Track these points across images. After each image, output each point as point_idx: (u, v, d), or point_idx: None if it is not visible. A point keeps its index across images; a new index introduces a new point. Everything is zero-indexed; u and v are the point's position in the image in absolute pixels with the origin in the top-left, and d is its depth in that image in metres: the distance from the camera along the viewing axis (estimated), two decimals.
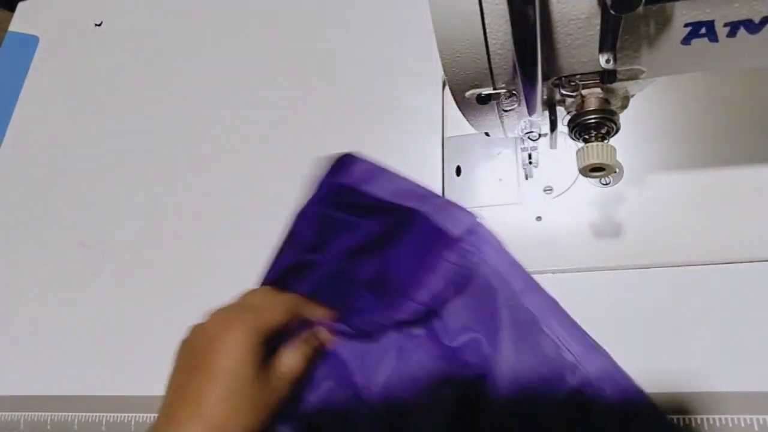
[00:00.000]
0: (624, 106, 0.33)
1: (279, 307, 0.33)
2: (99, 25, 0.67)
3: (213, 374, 0.30)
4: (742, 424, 0.34)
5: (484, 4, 0.27)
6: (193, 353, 0.31)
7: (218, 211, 0.51)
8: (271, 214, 0.48)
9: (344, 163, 0.41)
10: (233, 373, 0.30)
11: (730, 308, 0.37)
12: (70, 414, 0.46)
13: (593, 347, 0.36)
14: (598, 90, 0.31)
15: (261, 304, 0.34)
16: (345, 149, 0.51)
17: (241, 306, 0.34)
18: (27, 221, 0.57)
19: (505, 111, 0.34)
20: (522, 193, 0.44)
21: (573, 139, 0.33)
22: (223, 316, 0.32)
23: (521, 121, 0.36)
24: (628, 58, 0.28)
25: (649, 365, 0.36)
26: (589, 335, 0.36)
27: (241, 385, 0.30)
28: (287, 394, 0.33)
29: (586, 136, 0.32)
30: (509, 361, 0.35)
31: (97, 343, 0.49)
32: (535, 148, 0.43)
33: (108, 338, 0.49)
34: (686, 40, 0.26)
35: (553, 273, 0.41)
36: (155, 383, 0.32)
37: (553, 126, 0.34)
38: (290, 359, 0.33)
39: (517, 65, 0.28)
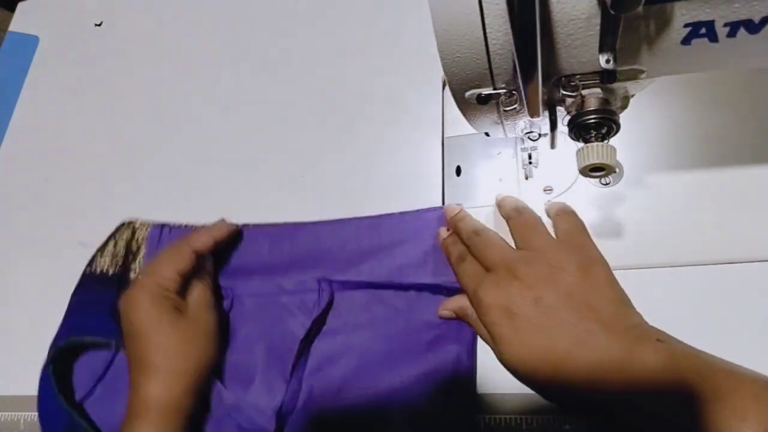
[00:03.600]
0: (624, 106, 0.33)
1: (166, 261, 0.41)
2: (99, 25, 0.67)
3: (141, 336, 0.38)
4: None
5: (484, 4, 0.27)
6: (126, 316, 0.40)
7: (218, 211, 0.51)
8: (271, 215, 0.48)
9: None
10: (152, 326, 0.38)
11: (730, 308, 0.37)
12: None
13: None
14: (598, 90, 0.31)
15: (153, 267, 0.41)
16: (345, 149, 0.51)
17: (142, 275, 0.42)
18: (27, 221, 0.57)
19: (505, 111, 0.34)
20: (522, 193, 0.44)
21: (573, 139, 0.33)
22: (129, 290, 0.41)
23: (521, 121, 0.36)
24: (628, 58, 0.28)
25: None
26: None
27: (164, 330, 0.38)
28: (210, 318, 0.41)
29: (586, 136, 0.32)
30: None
31: None
32: (535, 148, 0.43)
33: None
34: (686, 40, 0.26)
35: None
36: None
37: (553, 126, 0.34)
38: (193, 291, 0.42)
39: (517, 65, 0.28)
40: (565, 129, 0.33)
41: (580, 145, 0.33)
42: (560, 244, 0.37)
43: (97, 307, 0.45)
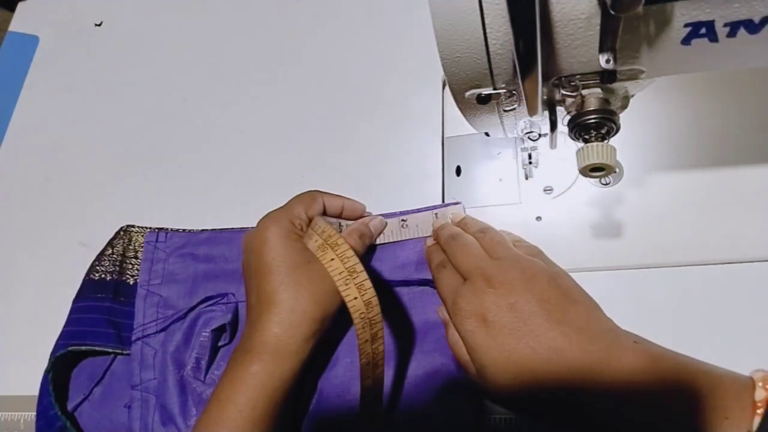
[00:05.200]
0: (624, 106, 0.33)
1: (298, 203, 0.40)
2: (99, 25, 0.67)
3: (272, 271, 0.36)
4: None
5: (484, 4, 0.27)
6: (253, 252, 0.38)
7: (218, 211, 0.51)
8: None
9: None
10: (285, 262, 0.37)
11: (730, 308, 0.37)
12: None
13: None
14: (598, 90, 0.31)
15: (284, 207, 0.41)
16: (345, 149, 0.51)
17: (275, 210, 0.40)
18: (27, 221, 0.57)
19: (505, 111, 0.34)
20: (522, 193, 0.44)
21: (573, 139, 0.33)
22: (263, 222, 0.39)
23: (521, 121, 0.36)
24: (628, 58, 0.28)
25: None
26: None
27: (297, 268, 0.36)
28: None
29: (586, 136, 0.32)
30: None
31: None
32: (535, 148, 0.43)
33: None
34: (686, 40, 0.26)
35: None
36: None
37: (553, 126, 0.34)
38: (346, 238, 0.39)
39: (517, 65, 0.28)
40: (565, 129, 0.33)
41: (580, 145, 0.33)
42: (529, 256, 0.37)
43: (95, 315, 0.45)
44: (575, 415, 0.31)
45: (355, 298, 0.35)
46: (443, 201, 0.46)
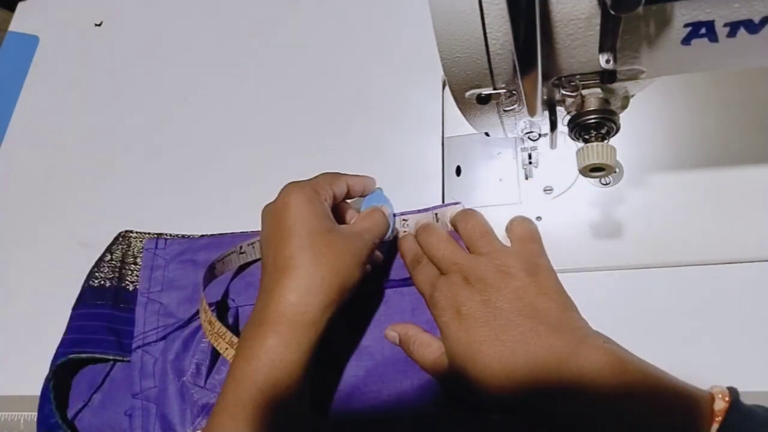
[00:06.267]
0: (624, 106, 0.33)
1: (323, 178, 0.39)
2: (99, 25, 0.67)
3: (292, 235, 0.35)
4: None
5: (484, 4, 0.27)
6: (273, 218, 0.37)
7: (218, 211, 0.51)
8: None
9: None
10: (307, 226, 0.35)
11: (730, 308, 0.37)
12: None
13: None
14: (598, 90, 0.31)
15: (314, 178, 0.40)
16: (345, 149, 0.51)
17: (299, 181, 0.39)
18: (27, 221, 0.57)
19: (505, 111, 0.34)
20: (522, 193, 0.44)
21: (573, 139, 0.33)
22: (286, 189, 0.38)
23: (521, 121, 0.36)
24: (628, 58, 0.28)
25: None
26: None
27: (318, 233, 0.35)
28: (366, 247, 0.37)
29: (586, 136, 0.32)
30: None
31: None
32: (535, 148, 0.43)
33: None
34: (686, 40, 0.26)
35: None
36: None
37: (553, 126, 0.34)
38: (361, 221, 0.39)
39: (517, 65, 0.28)
40: (565, 129, 0.33)
41: (580, 145, 0.33)
42: (509, 249, 0.38)
43: (96, 322, 0.45)
44: (539, 413, 0.32)
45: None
46: (443, 201, 0.46)
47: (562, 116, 0.33)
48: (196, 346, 0.42)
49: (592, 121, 0.31)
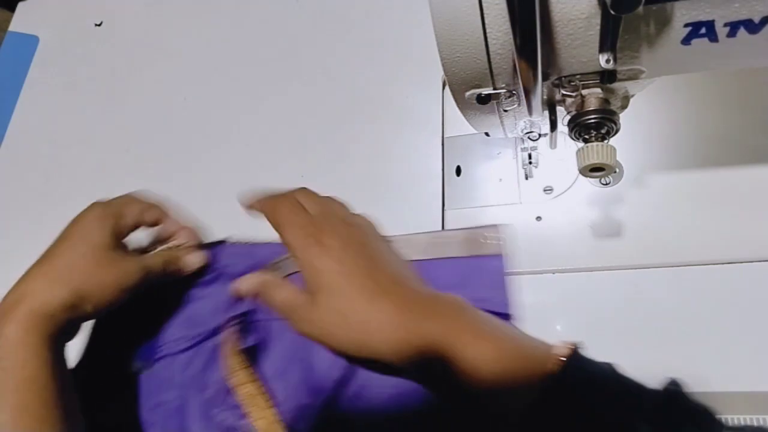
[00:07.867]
0: (624, 106, 0.33)
1: (130, 204, 0.42)
2: (99, 25, 0.67)
3: (66, 238, 0.39)
4: (743, 424, 0.34)
5: (484, 4, 0.27)
6: (70, 222, 0.40)
7: (218, 211, 0.51)
8: None
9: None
10: (82, 236, 0.39)
11: (730, 308, 0.37)
12: None
13: None
14: (598, 90, 0.31)
15: (120, 201, 0.42)
16: (345, 149, 0.51)
17: (105, 201, 0.42)
18: (27, 221, 0.57)
19: (505, 111, 0.34)
20: (522, 193, 0.44)
21: (573, 139, 0.33)
22: (88, 206, 0.41)
23: (521, 121, 0.36)
24: (628, 58, 0.28)
25: (649, 365, 0.36)
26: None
27: (89, 247, 0.38)
28: (137, 282, 0.39)
29: (586, 136, 0.32)
30: None
31: None
32: (535, 148, 0.43)
33: None
34: (686, 40, 0.26)
35: (553, 273, 0.41)
36: None
37: (553, 126, 0.34)
38: (151, 257, 0.41)
39: (517, 65, 0.28)
40: (565, 129, 0.33)
41: (580, 145, 0.33)
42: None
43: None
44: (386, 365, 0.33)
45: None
46: (443, 201, 0.46)
47: (562, 116, 0.33)
48: (221, 362, 0.41)
49: (592, 121, 0.31)
